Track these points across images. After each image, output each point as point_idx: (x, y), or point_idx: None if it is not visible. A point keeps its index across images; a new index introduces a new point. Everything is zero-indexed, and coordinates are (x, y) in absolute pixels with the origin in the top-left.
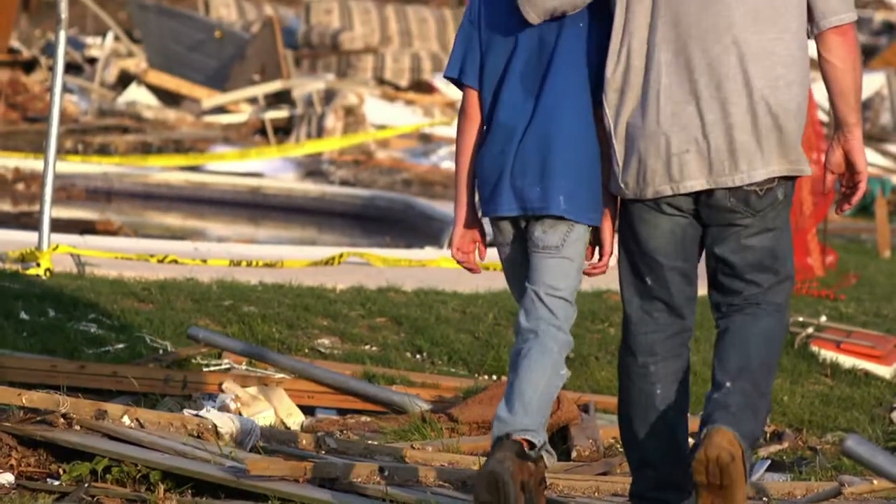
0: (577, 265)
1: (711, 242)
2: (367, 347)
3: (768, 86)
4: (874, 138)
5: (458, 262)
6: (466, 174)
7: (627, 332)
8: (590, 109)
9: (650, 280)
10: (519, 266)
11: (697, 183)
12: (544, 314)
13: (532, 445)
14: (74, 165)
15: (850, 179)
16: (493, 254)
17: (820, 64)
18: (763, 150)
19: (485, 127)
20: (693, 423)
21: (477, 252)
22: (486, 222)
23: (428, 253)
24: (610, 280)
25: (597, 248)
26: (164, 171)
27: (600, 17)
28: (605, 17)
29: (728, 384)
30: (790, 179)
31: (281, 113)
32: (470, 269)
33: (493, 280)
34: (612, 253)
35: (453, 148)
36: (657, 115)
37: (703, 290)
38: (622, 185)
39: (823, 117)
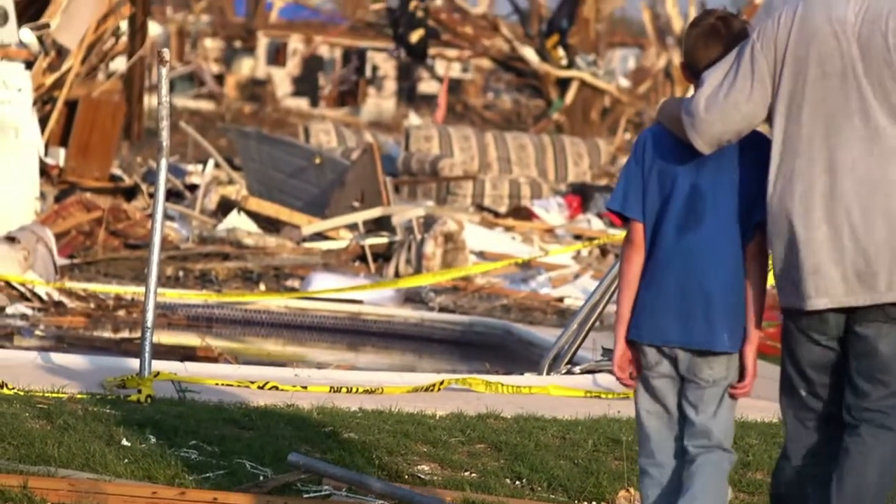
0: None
1: (851, 346)
2: (467, 474)
3: None
4: None
5: (617, 378)
6: (629, 299)
7: (786, 440)
8: (739, 251)
9: (803, 392)
10: (661, 392)
11: (831, 301)
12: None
13: None
14: (174, 299)
15: None
16: (583, 381)
17: None
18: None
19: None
20: None
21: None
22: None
23: (527, 379)
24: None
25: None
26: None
27: (752, 166)
28: (756, 167)
29: None
30: None
31: (381, 239)
32: (625, 385)
33: (592, 406)
34: (755, 375)
35: (551, 274)
36: (795, 236)
37: None
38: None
39: None
